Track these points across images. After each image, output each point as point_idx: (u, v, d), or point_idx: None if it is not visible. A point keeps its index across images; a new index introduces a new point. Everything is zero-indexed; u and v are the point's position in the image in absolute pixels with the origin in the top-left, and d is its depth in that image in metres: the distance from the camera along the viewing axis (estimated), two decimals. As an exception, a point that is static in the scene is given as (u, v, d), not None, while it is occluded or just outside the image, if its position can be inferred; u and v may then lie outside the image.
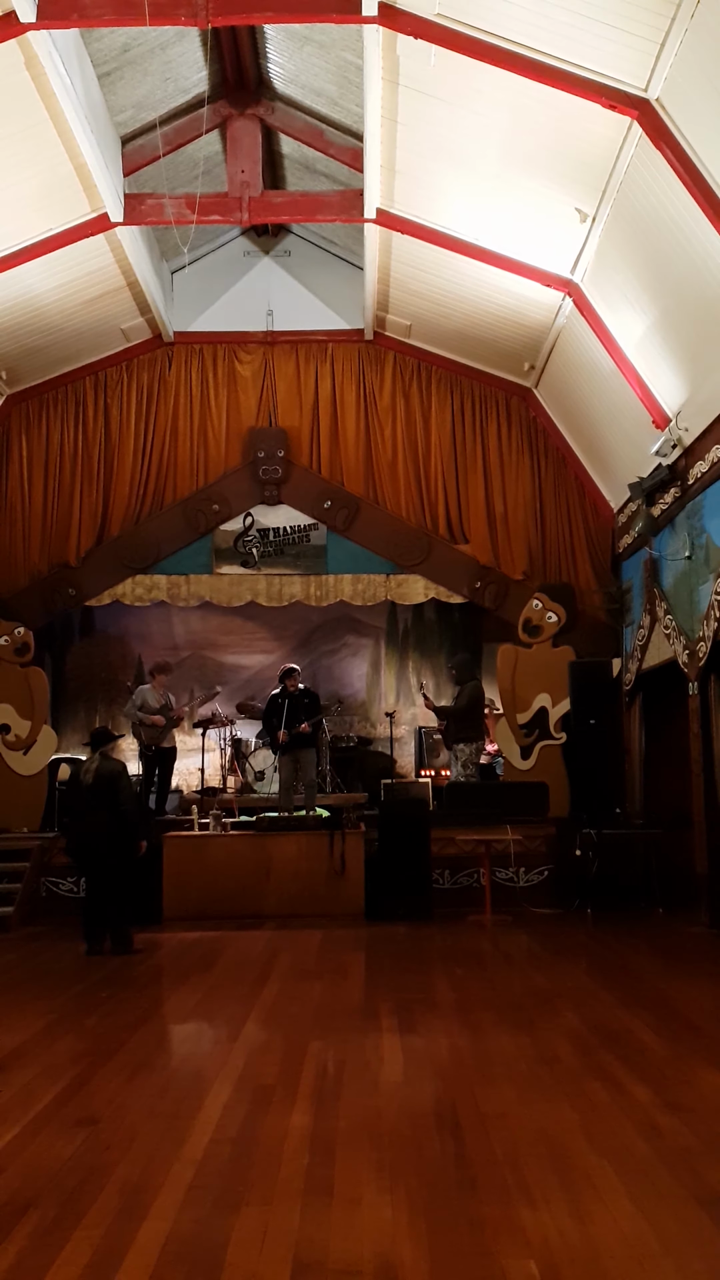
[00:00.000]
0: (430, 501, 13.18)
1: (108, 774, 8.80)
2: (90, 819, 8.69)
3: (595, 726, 11.96)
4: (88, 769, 8.93)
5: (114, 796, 8.70)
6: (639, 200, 8.48)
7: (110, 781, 8.76)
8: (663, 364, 9.69)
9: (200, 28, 8.45)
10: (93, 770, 8.85)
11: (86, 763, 9.10)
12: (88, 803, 8.74)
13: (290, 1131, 4.38)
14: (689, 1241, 3.34)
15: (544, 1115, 4.54)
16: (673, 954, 8.47)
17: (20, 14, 7.77)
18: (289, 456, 13.19)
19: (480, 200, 9.71)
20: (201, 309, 13.54)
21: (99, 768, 8.84)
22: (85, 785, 8.80)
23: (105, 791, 8.69)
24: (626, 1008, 6.54)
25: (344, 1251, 3.29)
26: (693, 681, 9.86)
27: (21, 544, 13.06)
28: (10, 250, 10.29)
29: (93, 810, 8.69)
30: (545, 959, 8.37)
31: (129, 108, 10.48)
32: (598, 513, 13.00)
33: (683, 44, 6.98)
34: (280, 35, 10.33)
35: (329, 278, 13.58)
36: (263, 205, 11.10)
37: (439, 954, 8.53)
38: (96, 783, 8.75)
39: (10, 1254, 3.31)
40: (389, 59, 8.45)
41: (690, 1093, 4.84)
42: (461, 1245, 3.32)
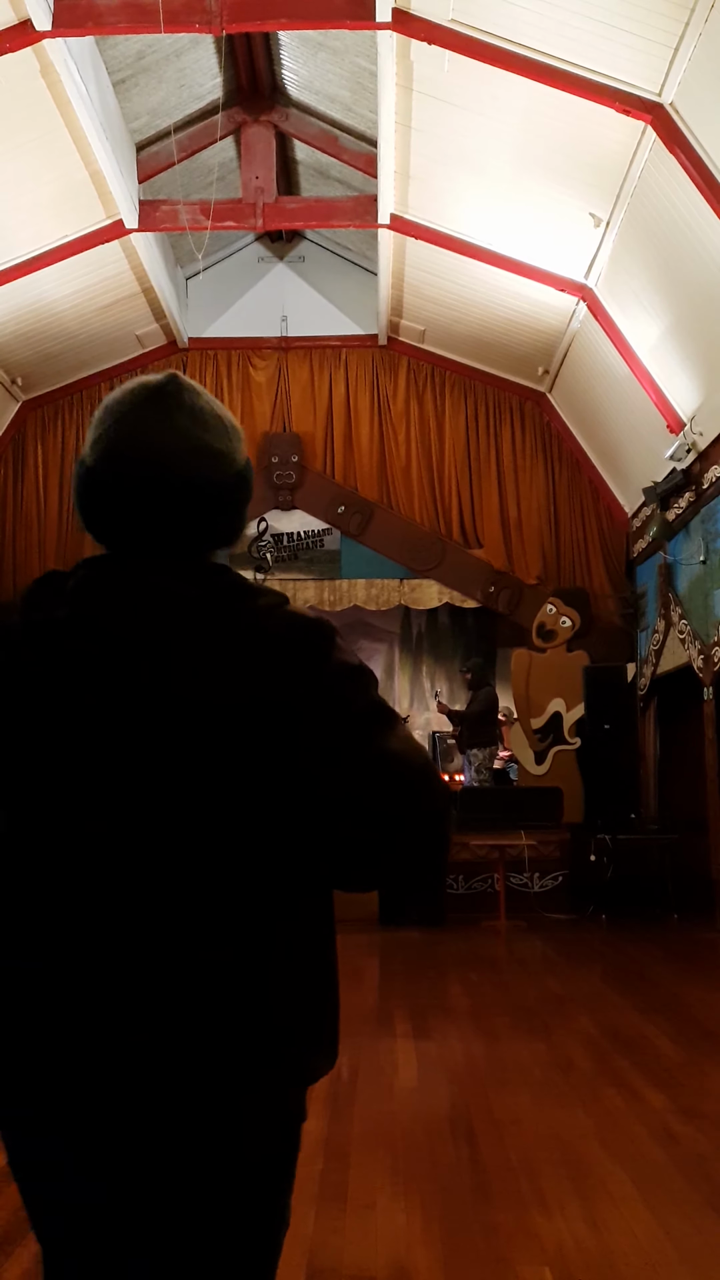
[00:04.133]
0: (444, 506, 13.18)
1: None
2: None
3: (610, 731, 11.93)
4: None
5: None
6: (653, 204, 8.48)
7: None
8: (677, 368, 9.67)
9: (214, 35, 8.46)
10: None
11: None
12: None
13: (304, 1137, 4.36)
14: (704, 1248, 3.32)
15: (558, 1121, 4.53)
16: (688, 959, 8.43)
17: (36, 22, 7.81)
18: (303, 462, 13.20)
19: (494, 205, 9.71)
20: (216, 315, 13.57)
21: None
22: None
23: None
24: (641, 1013, 6.51)
25: (358, 1257, 3.29)
26: (708, 686, 9.83)
27: (37, 550, 13.10)
28: (25, 257, 10.33)
29: None
30: (560, 964, 8.35)
31: (144, 114, 10.52)
32: (612, 517, 12.97)
33: (697, 48, 6.98)
34: (294, 42, 10.35)
35: (343, 283, 13.60)
36: (277, 211, 11.12)
37: (453, 959, 8.52)
38: None
39: (24, 1259, 3.31)
40: (403, 65, 8.46)
41: (706, 1099, 4.81)
42: (476, 1251, 3.31)
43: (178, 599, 1.46)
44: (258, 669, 1.42)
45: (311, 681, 1.43)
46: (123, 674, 1.41)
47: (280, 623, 1.47)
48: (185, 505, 1.50)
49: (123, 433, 1.51)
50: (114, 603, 1.46)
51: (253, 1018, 1.41)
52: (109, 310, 12.00)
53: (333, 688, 1.44)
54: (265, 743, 1.41)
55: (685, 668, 10.48)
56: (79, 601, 1.48)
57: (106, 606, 1.46)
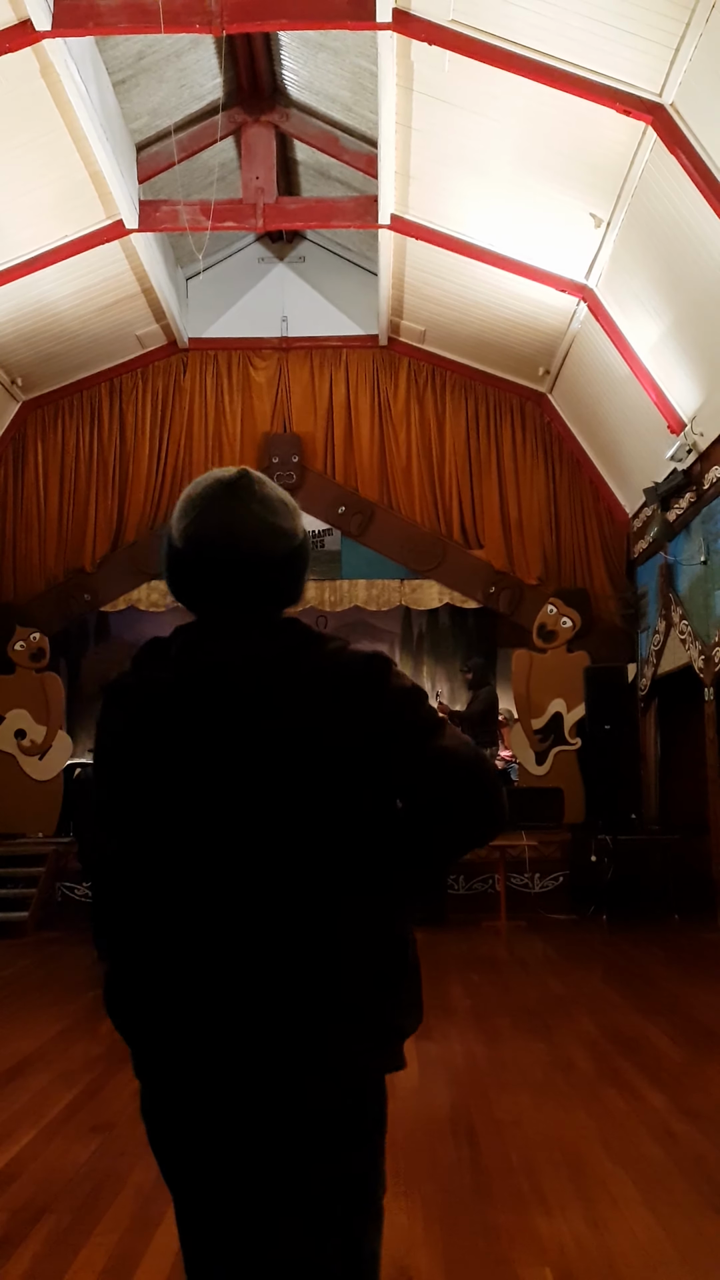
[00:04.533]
0: (445, 507, 13.18)
1: None
2: None
3: (610, 732, 11.92)
4: None
5: None
6: (653, 205, 8.47)
7: None
8: (678, 369, 9.67)
9: (215, 35, 8.46)
10: None
11: None
12: None
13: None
14: (705, 1249, 3.32)
15: (559, 1122, 4.52)
16: (689, 960, 8.43)
17: (36, 22, 7.81)
18: (303, 462, 13.20)
19: (495, 206, 9.71)
20: (216, 315, 13.57)
21: None
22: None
23: None
24: (642, 1014, 6.51)
25: (359, 1258, 3.28)
26: (708, 687, 9.82)
27: (37, 550, 13.11)
28: (26, 257, 10.33)
29: None
30: (561, 965, 8.34)
31: (144, 115, 10.52)
32: (613, 518, 12.97)
33: (697, 48, 6.97)
34: (294, 42, 10.35)
35: (343, 284, 13.60)
36: (277, 212, 11.12)
37: (454, 960, 8.51)
38: None
39: (25, 1259, 3.31)
40: (403, 65, 8.46)
41: (706, 1099, 4.81)
42: (477, 1252, 3.31)
43: (258, 655, 1.80)
44: (329, 701, 1.75)
45: (375, 703, 1.77)
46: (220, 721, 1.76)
47: (345, 661, 1.81)
48: (259, 576, 1.84)
49: (207, 520, 1.84)
50: (207, 664, 1.81)
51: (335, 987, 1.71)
52: (109, 310, 12.00)
53: (393, 706, 1.78)
54: (341, 758, 1.75)
55: (686, 668, 10.47)
56: (180, 666, 1.83)
57: (202, 668, 1.81)
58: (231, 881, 1.72)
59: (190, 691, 1.79)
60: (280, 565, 1.86)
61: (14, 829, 11.94)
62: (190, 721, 1.77)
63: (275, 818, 1.73)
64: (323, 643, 1.83)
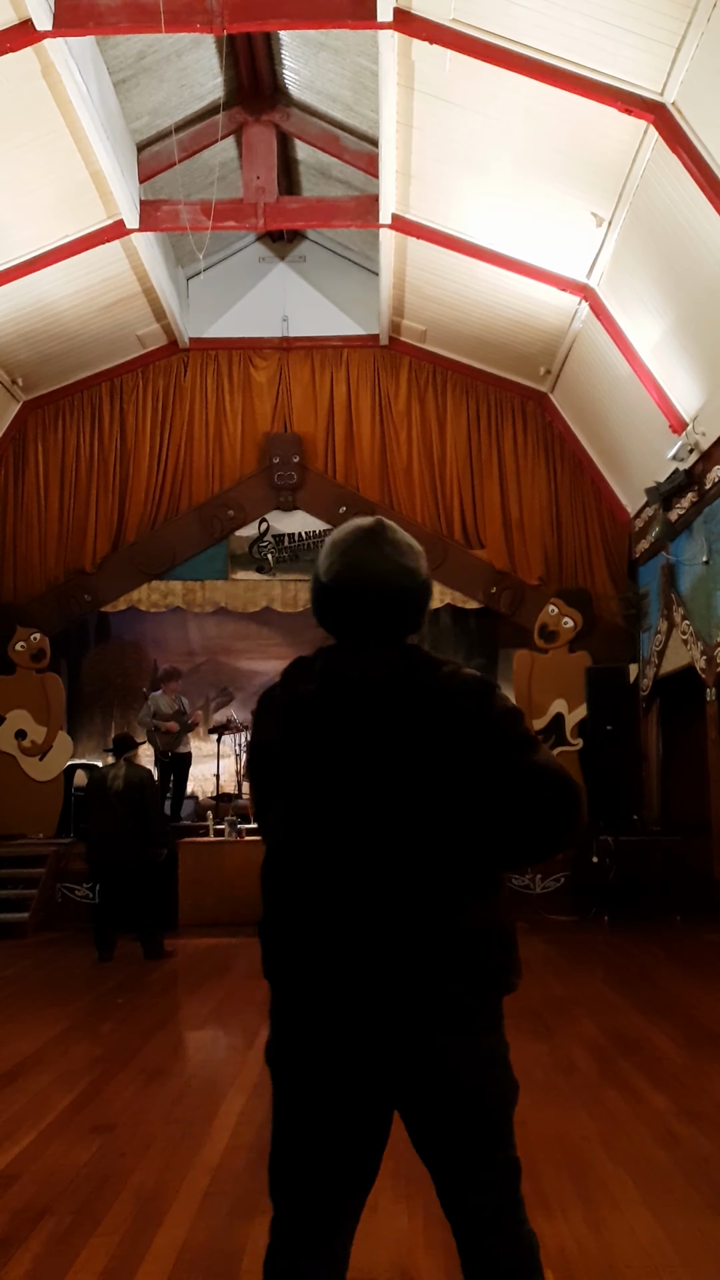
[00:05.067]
0: (446, 507, 13.17)
1: (137, 781, 8.80)
2: (119, 825, 8.67)
3: (612, 732, 11.91)
4: (115, 775, 8.85)
5: (143, 803, 8.70)
6: (655, 204, 8.46)
7: (139, 788, 8.76)
8: (679, 368, 9.65)
9: (216, 34, 8.46)
10: (121, 776, 8.80)
11: (113, 769, 9.02)
12: (117, 809, 8.71)
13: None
14: (707, 1250, 3.30)
15: (561, 1123, 4.51)
16: (691, 961, 8.41)
17: (36, 22, 7.81)
18: (304, 462, 13.20)
19: (496, 205, 9.70)
20: (217, 315, 13.57)
21: (128, 774, 8.81)
22: (115, 791, 8.73)
23: (135, 798, 8.70)
24: (644, 1015, 6.49)
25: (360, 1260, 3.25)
26: (710, 687, 9.81)
27: (38, 550, 13.11)
28: (26, 257, 10.33)
29: (122, 817, 8.67)
30: (562, 966, 8.33)
31: (145, 114, 10.52)
32: (614, 518, 12.96)
33: (699, 47, 6.97)
34: (295, 41, 10.35)
35: (344, 283, 13.59)
36: (278, 211, 11.11)
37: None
38: (127, 789, 8.72)
39: (26, 1261, 3.30)
40: (404, 64, 8.45)
41: (708, 1101, 4.79)
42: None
43: (389, 673, 2.18)
44: (444, 714, 2.13)
45: (483, 720, 2.14)
46: (360, 721, 2.14)
47: (458, 680, 2.17)
48: (390, 609, 2.24)
49: (348, 561, 2.25)
50: (348, 677, 2.19)
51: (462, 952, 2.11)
52: (110, 310, 11.99)
53: (497, 723, 2.15)
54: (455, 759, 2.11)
55: (688, 668, 10.46)
56: (325, 677, 2.21)
57: (343, 680, 2.19)
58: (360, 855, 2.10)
59: (332, 702, 2.17)
60: (408, 600, 2.26)
61: (14, 830, 11.93)
62: (331, 727, 2.16)
63: (396, 806, 2.10)
64: (441, 665, 2.21)
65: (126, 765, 8.91)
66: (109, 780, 8.85)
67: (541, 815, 2.11)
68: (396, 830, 2.09)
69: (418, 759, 2.10)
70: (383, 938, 2.06)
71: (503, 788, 2.10)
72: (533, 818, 2.11)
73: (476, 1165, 2.19)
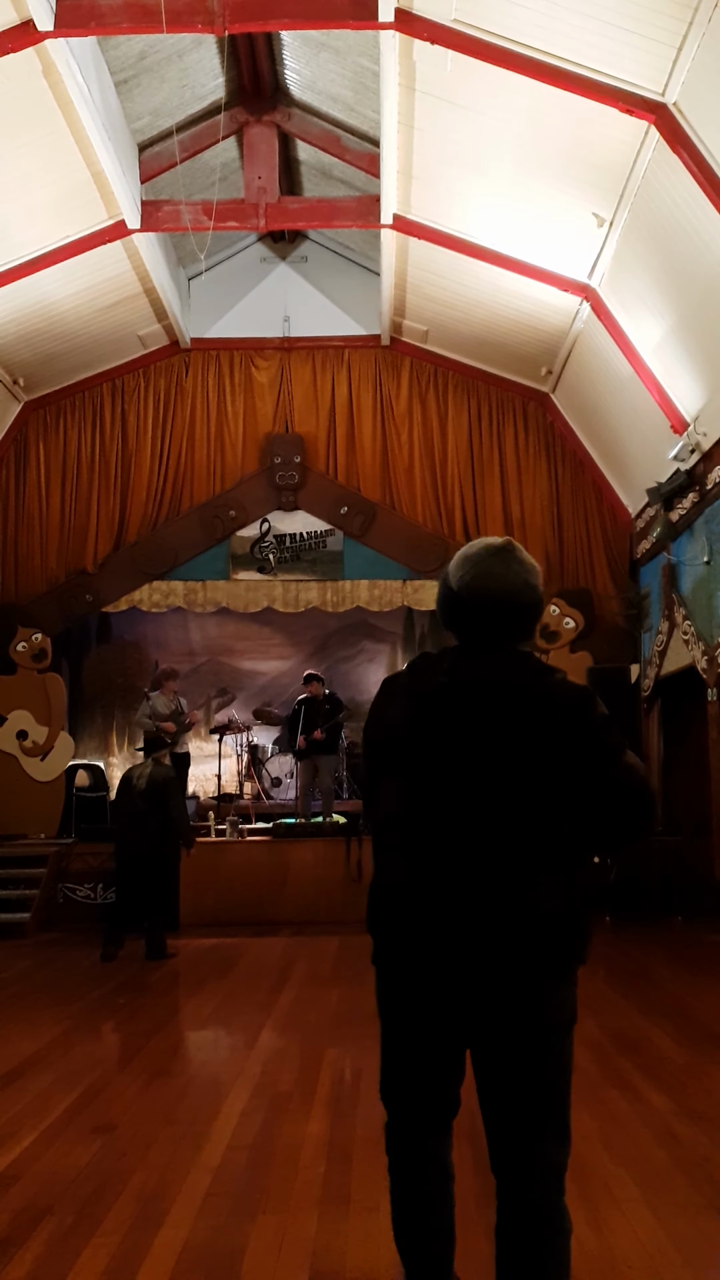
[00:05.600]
0: (447, 507, 13.17)
1: (161, 780, 8.94)
2: (142, 824, 8.76)
3: (613, 732, 11.89)
4: (140, 775, 8.99)
5: (165, 802, 8.79)
6: (656, 204, 8.46)
7: (163, 787, 8.86)
8: (680, 369, 9.65)
9: (217, 35, 8.46)
10: (145, 776, 8.93)
11: (139, 768, 9.14)
12: (140, 809, 8.82)
13: (307, 1139, 4.37)
14: (708, 1251, 3.31)
15: (562, 1124, 4.50)
16: (692, 962, 8.41)
17: (38, 22, 7.81)
18: (305, 462, 13.20)
19: (497, 205, 9.70)
20: (218, 315, 13.57)
21: (151, 774, 8.94)
22: (139, 791, 8.86)
23: (158, 797, 8.80)
24: (645, 1016, 6.49)
25: (361, 1260, 3.27)
26: (712, 688, 9.81)
27: (39, 550, 13.11)
28: (28, 257, 10.33)
29: (145, 815, 8.78)
30: (563, 966, 8.32)
31: (146, 115, 10.52)
32: (615, 518, 12.96)
33: (700, 47, 6.96)
34: (297, 42, 10.35)
35: (346, 283, 13.60)
36: (279, 211, 11.11)
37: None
38: (150, 788, 8.84)
39: (27, 1261, 3.30)
40: (405, 65, 8.45)
41: (709, 1101, 4.79)
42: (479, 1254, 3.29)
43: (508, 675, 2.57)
44: (553, 716, 2.51)
45: (586, 724, 2.51)
46: (482, 715, 2.52)
47: (566, 688, 2.57)
48: (516, 618, 2.63)
49: (480, 573, 2.62)
50: (474, 676, 2.58)
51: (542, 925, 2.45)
52: (111, 311, 12.00)
53: (597, 728, 2.51)
54: (557, 757, 2.48)
55: (689, 669, 10.45)
56: (455, 673, 2.60)
57: (470, 677, 2.58)
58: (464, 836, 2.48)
59: (462, 694, 2.56)
60: (530, 612, 2.65)
61: (15, 830, 11.94)
62: (460, 714, 2.54)
63: (505, 789, 2.48)
64: (551, 673, 2.60)
65: (153, 765, 9.05)
66: (134, 780, 9.01)
67: (619, 818, 2.49)
68: (498, 818, 2.46)
69: (527, 759, 2.48)
70: (472, 914, 2.45)
71: (592, 789, 2.47)
72: (612, 819, 2.49)
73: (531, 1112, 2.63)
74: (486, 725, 2.50)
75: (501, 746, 2.49)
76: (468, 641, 2.66)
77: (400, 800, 2.58)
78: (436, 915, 2.47)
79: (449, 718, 2.54)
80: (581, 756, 2.48)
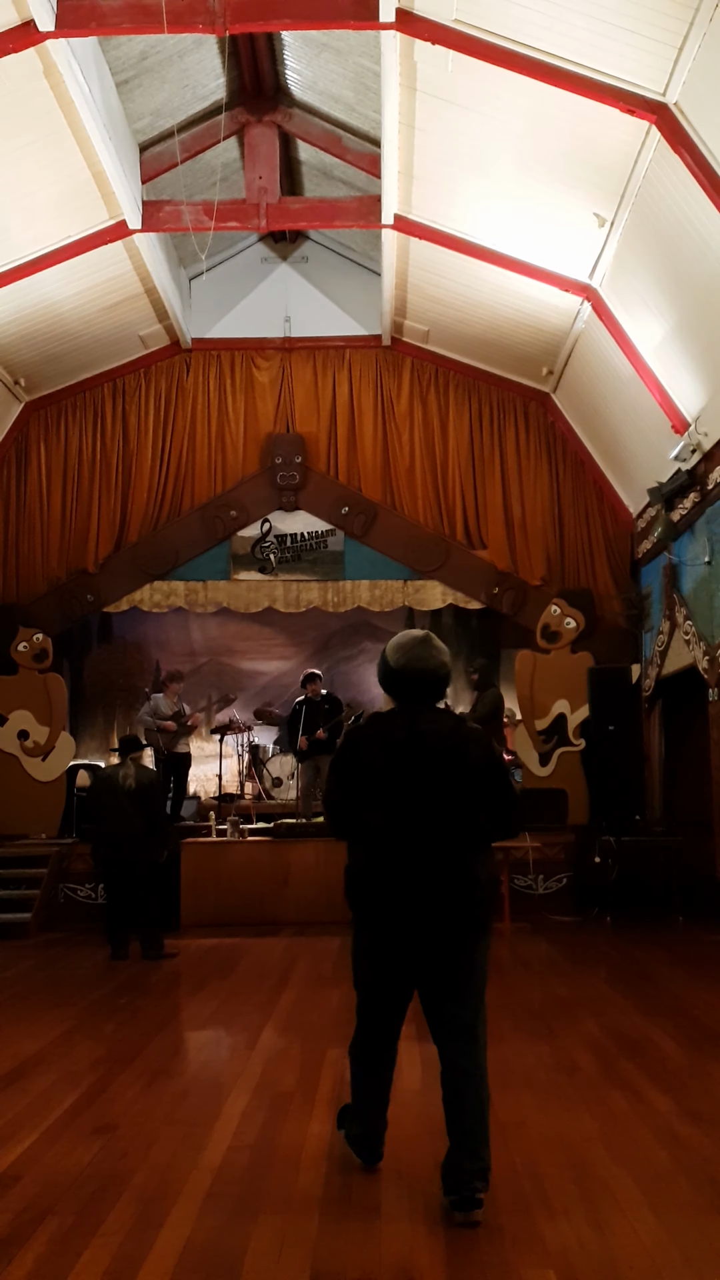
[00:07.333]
0: (448, 507, 13.17)
1: (147, 781, 8.91)
2: (129, 824, 8.74)
3: (614, 733, 11.91)
4: (126, 775, 8.93)
5: (152, 803, 8.78)
6: (657, 204, 8.46)
7: (150, 788, 8.86)
8: (682, 368, 9.65)
9: (218, 35, 8.45)
10: (133, 776, 8.89)
11: (122, 769, 9.06)
12: (127, 809, 8.78)
13: (308, 1139, 4.37)
14: (709, 1252, 3.31)
15: (563, 1124, 4.51)
16: (694, 962, 8.41)
17: (39, 22, 7.81)
18: (306, 462, 13.20)
19: (498, 205, 9.70)
20: (219, 315, 13.57)
21: (138, 774, 8.91)
22: (126, 791, 8.82)
23: (146, 798, 8.78)
24: (647, 1016, 6.49)
25: (362, 1261, 3.27)
26: (713, 688, 9.80)
27: (40, 550, 13.11)
28: (29, 257, 10.33)
29: (132, 816, 8.75)
30: (564, 967, 8.33)
31: (147, 115, 10.52)
32: (616, 518, 12.95)
33: (701, 47, 6.96)
34: (298, 42, 10.35)
35: (346, 284, 13.59)
36: (280, 211, 11.11)
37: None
38: (139, 789, 8.81)
39: (29, 1261, 3.31)
40: (406, 65, 8.45)
41: (711, 1102, 4.79)
42: (480, 1255, 3.30)
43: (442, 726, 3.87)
44: (468, 748, 3.83)
45: (489, 757, 3.86)
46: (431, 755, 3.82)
47: (475, 732, 3.90)
48: (437, 686, 3.93)
49: (412, 657, 3.90)
50: (421, 728, 3.85)
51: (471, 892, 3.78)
52: (112, 311, 12.00)
53: (496, 759, 3.89)
54: (469, 777, 3.81)
55: (690, 669, 10.45)
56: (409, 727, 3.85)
57: (420, 730, 3.85)
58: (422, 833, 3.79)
59: (417, 742, 3.83)
60: (444, 682, 3.96)
61: (17, 830, 11.94)
62: (418, 756, 3.83)
63: (446, 804, 3.79)
64: (464, 721, 3.98)
65: (135, 766, 8.99)
66: (119, 780, 8.92)
67: (505, 820, 3.86)
68: (443, 821, 3.78)
69: (458, 781, 3.79)
70: (430, 886, 3.75)
71: (490, 800, 3.82)
72: (502, 821, 3.85)
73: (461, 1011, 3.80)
74: (434, 761, 3.79)
75: (444, 774, 3.79)
76: (405, 703, 3.90)
77: (379, 812, 3.81)
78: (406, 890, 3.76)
79: (411, 758, 3.81)
80: (486, 778, 3.80)
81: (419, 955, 3.75)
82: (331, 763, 3.98)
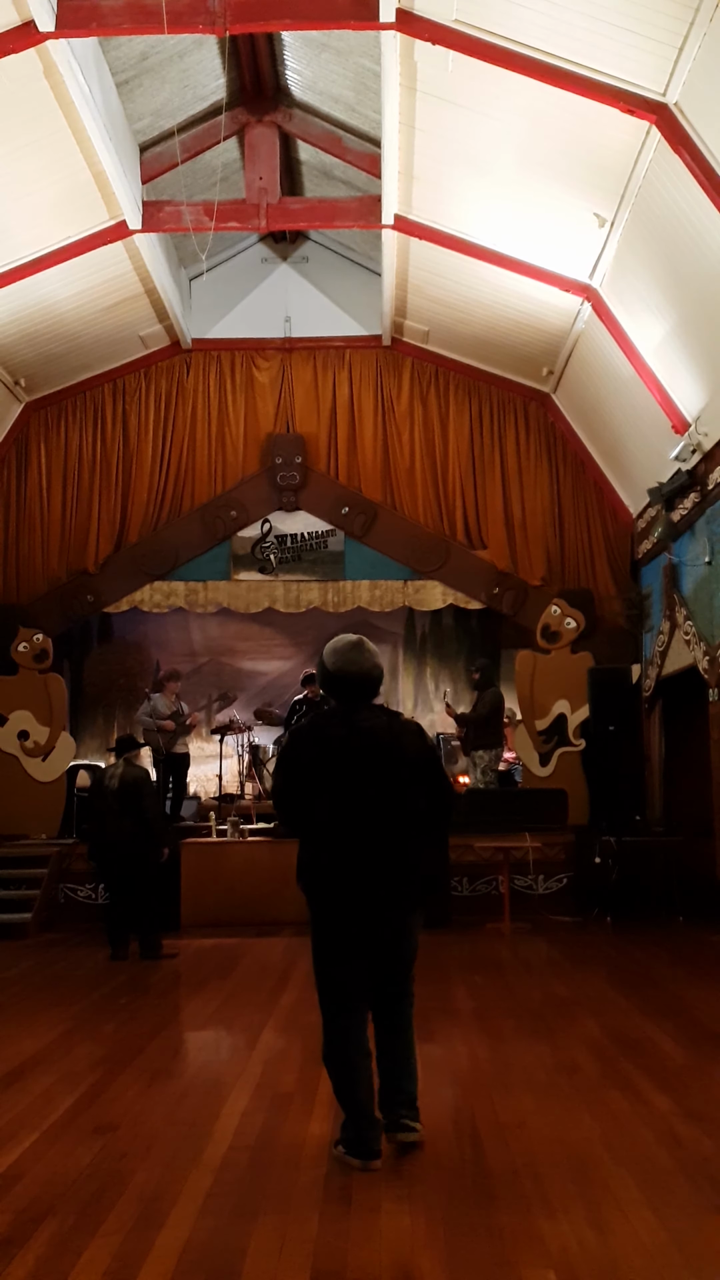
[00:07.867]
0: (448, 507, 13.17)
1: (133, 780, 8.84)
2: (117, 825, 8.71)
3: (615, 733, 11.91)
4: (113, 775, 8.92)
5: (139, 802, 8.73)
6: (657, 204, 8.46)
7: (136, 787, 8.79)
8: (682, 369, 9.65)
9: (218, 35, 8.45)
10: (118, 776, 8.86)
11: (111, 769, 9.09)
12: (114, 809, 8.75)
13: (308, 1139, 4.37)
14: (709, 1252, 3.30)
15: (563, 1124, 4.51)
16: (693, 962, 8.41)
17: (39, 23, 7.82)
18: (307, 463, 13.20)
19: (498, 205, 9.70)
20: (219, 316, 13.57)
21: (124, 774, 8.86)
22: (111, 791, 8.80)
23: (131, 797, 8.73)
24: (647, 1016, 6.49)
25: (362, 1260, 3.27)
26: (713, 688, 9.80)
27: (40, 551, 13.12)
28: (29, 258, 10.34)
29: (119, 816, 8.71)
30: (565, 967, 8.32)
31: (147, 115, 10.52)
32: (617, 518, 12.96)
33: (701, 47, 6.97)
34: (298, 42, 10.35)
35: (347, 284, 13.60)
36: (280, 212, 11.11)
37: (457, 962, 8.50)
38: (123, 789, 8.77)
39: (29, 1261, 3.31)
40: (406, 65, 8.45)
41: (711, 1102, 4.79)
42: (480, 1255, 3.30)
43: (378, 722, 4.22)
44: (403, 740, 4.23)
45: (424, 748, 4.30)
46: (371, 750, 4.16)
47: (409, 725, 4.34)
48: (371, 686, 4.26)
49: (346, 660, 4.23)
50: (360, 725, 4.18)
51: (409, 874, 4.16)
52: (112, 311, 12.00)
53: (430, 751, 4.33)
54: (406, 767, 4.19)
55: (690, 669, 10.45)
56: (349, 725, 4.18)
57: (359, 727, 4.18)
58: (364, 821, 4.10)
59: (358, 738, 4.14)
60: (378, 682, 4.28)
61: (17, 830, 11.94)
62: (353, 750, 4.14)
63: (384, 794, 4.11)
64: (399, 715, 4.35)
65: (125, 765, 8.96)
66: (107, 780, 8.92)
67: (442, 809, 4.24)
68: (385, 811, 4.10)
69: (395, 769, 4.13)
70: (373, 871, 4.08)
71: (428, 790, 4.19)
72: (439, 809, 4.23)
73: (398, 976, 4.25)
74: (372, 754, 4.12)
75: (382, 766, 4.12)
76: (344, 702, 4.22)
77: (324, 804, 4.11)
78: (352, 874, 4.07)
79: (351, 752, 4.12)
80: (422, 769, 4.18)
81: (366, 930, 4.11)
82: (277, 761, 4.36)
